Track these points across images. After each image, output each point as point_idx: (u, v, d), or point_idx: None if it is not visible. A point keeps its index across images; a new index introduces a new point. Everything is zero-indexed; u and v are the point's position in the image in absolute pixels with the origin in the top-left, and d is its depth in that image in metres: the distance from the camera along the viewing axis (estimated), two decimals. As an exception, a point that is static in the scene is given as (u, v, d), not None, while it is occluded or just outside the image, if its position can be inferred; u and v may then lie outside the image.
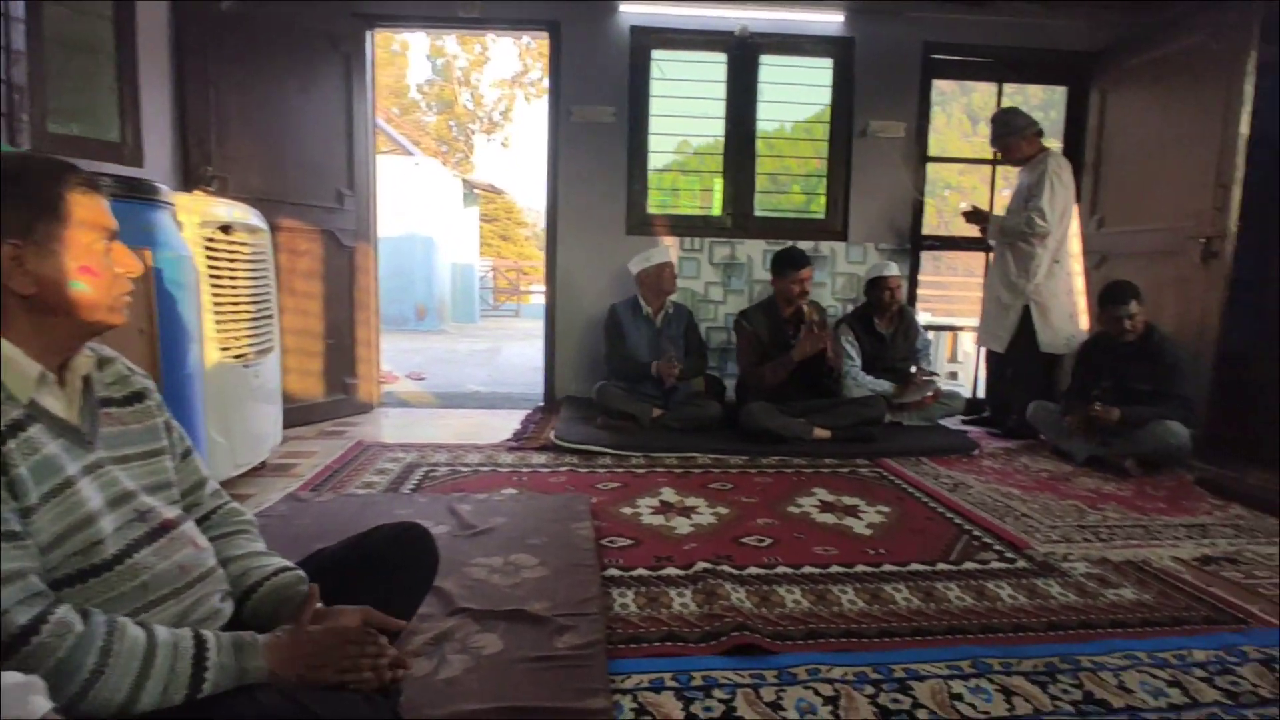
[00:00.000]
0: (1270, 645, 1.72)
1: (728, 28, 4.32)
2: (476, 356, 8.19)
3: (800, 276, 3.73)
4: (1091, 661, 1.62)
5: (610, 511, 2.57)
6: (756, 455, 3.42)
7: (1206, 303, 3.58)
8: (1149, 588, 2.06)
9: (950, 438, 3.80)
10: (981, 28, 4.46)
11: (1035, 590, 2.01)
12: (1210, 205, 3.55)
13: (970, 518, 2.62)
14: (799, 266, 3.74)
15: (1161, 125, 3.93)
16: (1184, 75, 3.79)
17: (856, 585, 1.99)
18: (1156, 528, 2.60)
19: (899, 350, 4.10)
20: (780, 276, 3.80)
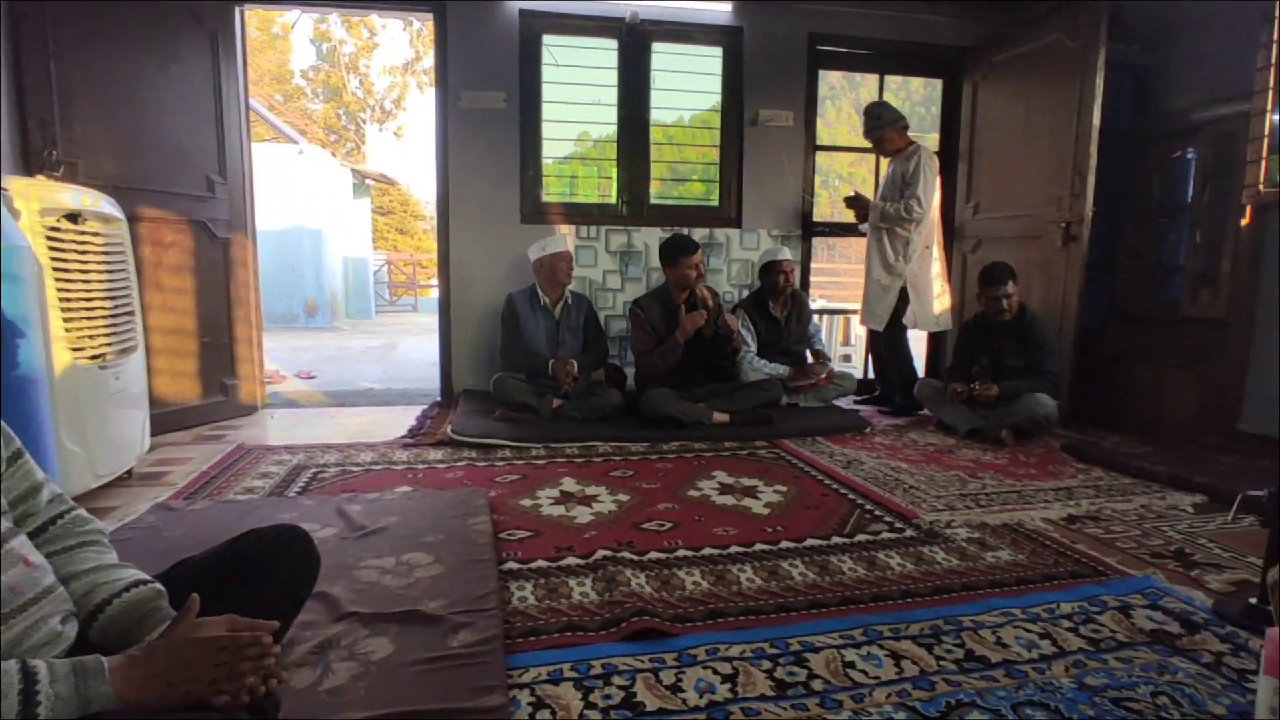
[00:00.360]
0: (1126, 594, 1.87)
1: (618, 14, 4.29)
2: (371, 353, 7.89)
3: (692, 262, 3.77)
4: (972, 621, 1.70)
5: (509, 504, 2.52)
6: (658, 441, 3.44)
7: (1067, 283, 3.86)
8: (1023, 548, 2.19)
9: (844, 417, 3.94)
10: (863, 21, 4.62)
11: (922, 557, 2.10)
12: (1068, 192, 3.82)
13: (863, 492, 2.72)
14: (689, 252, 3.78)
15: (1025, 117, 4.19)
16: (1043, 70, 4.05)
17: (755, 564, 2.02)
18: (1029, 492, 2.78)
19: (793, 333, 4.21)
20: (671, 265, 3.82)
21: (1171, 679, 1.48)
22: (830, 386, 4.15)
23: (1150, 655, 1.57)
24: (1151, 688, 1.44)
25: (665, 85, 4.48)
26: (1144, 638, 1.65)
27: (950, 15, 4.69)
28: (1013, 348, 3.70)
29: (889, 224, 4.15)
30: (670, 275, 3.84)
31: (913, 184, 4.05)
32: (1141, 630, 1.68)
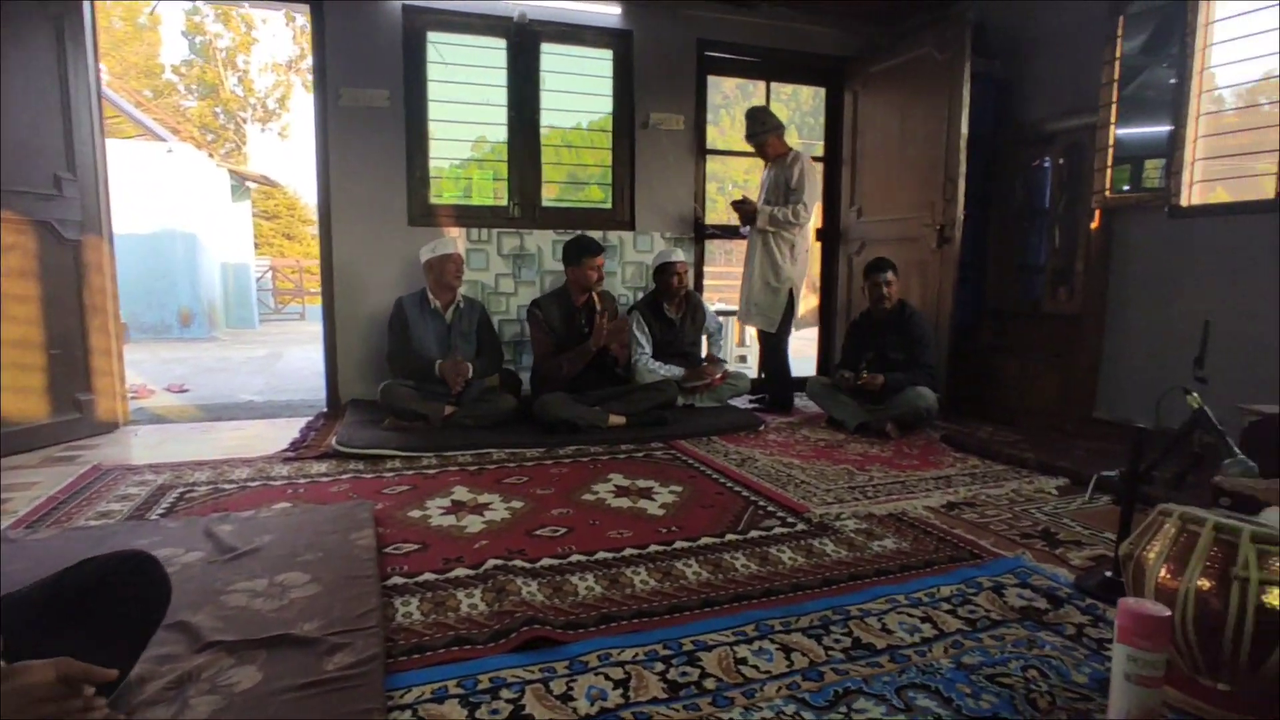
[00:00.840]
0: (999, 574, 1.96)
1: (506, 13, 4.22)
2: (253, 363, 7.45)
3: (595, 263, 3.76)
4: (859, 610, 1.74)
5: (396, 516, 2.41)
6: (553, 446, 3.39)
7: (942, 282, 4.07)
8: (906, 536, 2.28)
9: (738, 416, 4.01)
10: (750, 28, 4.73)
11: (812, 550, 2.15)
12: (941, 197, 4.04)
13: (756, 489, 2.76)
14: (593, 254, 3.77)
15: (901, 125, 4.40)
16: (916, 81, 4.26)
17: (649, 565, 2.01)
18: (912, 482, 2.90)
19: (688, 335, 4.26)
20: (574, 265, 3.79)
21: (1040, 652, 1.56)
22: (724, 386, 4.22)
23: (1020, 631, 1.66)
24: (1022, 662, 1.52)
25: (556, 87, 4.44)
26: (1015, 615, 1.74)
27: (831, 26, 4.87)
28: (895, 341, 3.88)
29: (777, 228, 4.26)
30: (572, 276, 3.81)
31: (798, 190, 4.19)
32: (1013, 608, 1.77)
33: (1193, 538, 1.36)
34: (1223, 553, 1.32)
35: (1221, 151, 3.36)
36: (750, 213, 4.34)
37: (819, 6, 4.71)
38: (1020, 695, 1.39)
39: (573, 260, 3.80)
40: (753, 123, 4.37)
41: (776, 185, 4.31)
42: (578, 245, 3.81)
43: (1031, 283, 4.23)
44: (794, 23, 4.79)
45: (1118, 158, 3.65)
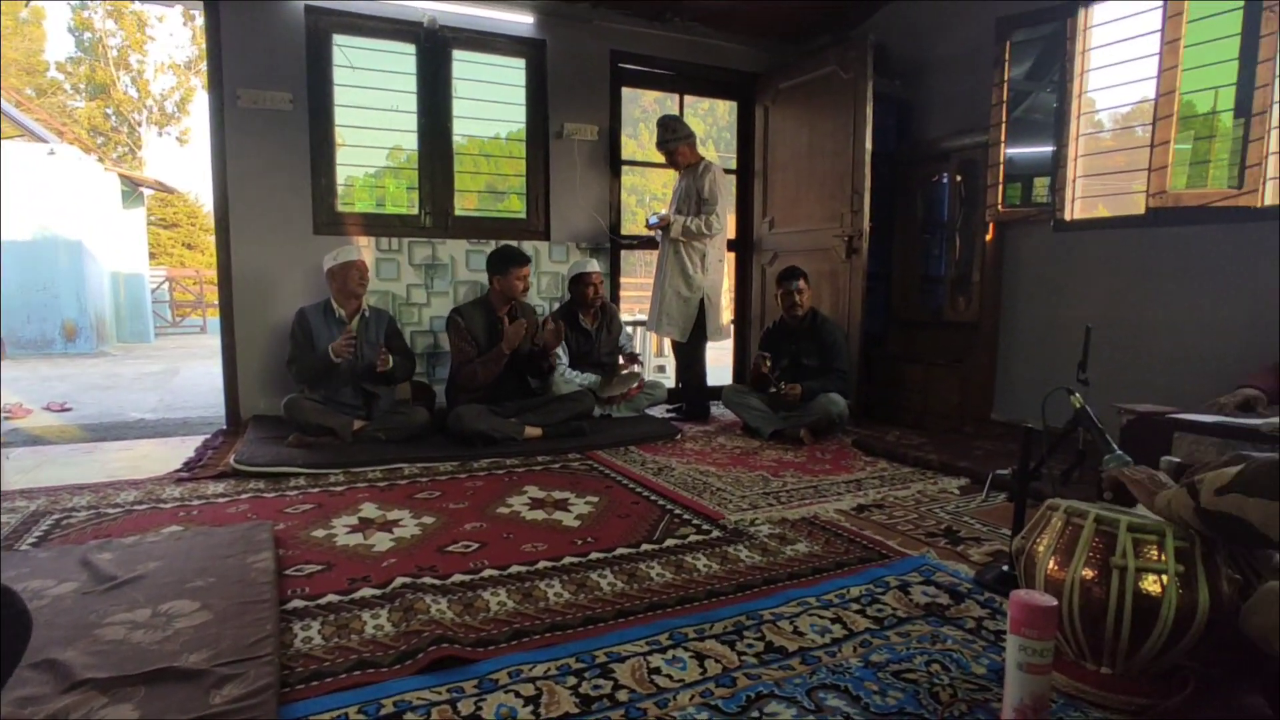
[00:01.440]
0: (905, 572, 2.03)
1: (415, 18, 4.14)
2: (147, 380, 7.02)
3: (522, 273, 3.73)
4: (772, 614, 1.76)
5: (299, 537, 2.30)
6: (468, 460, 3.31)
7: (851, 292, 4.21)
8: (818, 539, 2.32)
9: (655, 425, 4.02)
10: (663, 42, 4.79)
11: (727, 556, 2.16)
12: (849, 209, 4.17)
13: (672, 498, 2.77)
14: (520, 264, 3.73)
15: (810, 139, 4.53)
16: (823, 98, 4.41)
17: (564, 577, 1.98)
18: (824, 486, 2.97)
19: (604, 345, 4.25)
20: (501, 274, 3.74)
21: (942, 646, 1.61)
22: (642, 396, 4.23)
23: (925, 627, 1.71)
24: (926, 657, 1.56)
25: (468, 94, 4.38)
26: (920, 611, 1.79)
27: (742, 43, 4.99)
28: (808, 348, 3.99)
29: (692, 238, 4.31)
30: (498, 286, 3.76)
31: (710, 200, 4.25)
32: (918, 605, 1.83)
33: (1077, 530, 1.44)
34: (1103, 543, 1.39)
35: (1102, 170, 3.60)
36: (664, 225, 4.38)
37: (730, 23, 4.82)
38: (924, 689, 1.43)
39: (499, 270, 3.74)
40: (664, 130, 4.42)
41: (689, 195, 4.37)
42: (504, 255, 3.76)
43: (934, 292, 4.43)
44: (706, 38, 4.88)
45: (1010, 175, 3.87)
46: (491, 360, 3.68)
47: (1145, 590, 1.34)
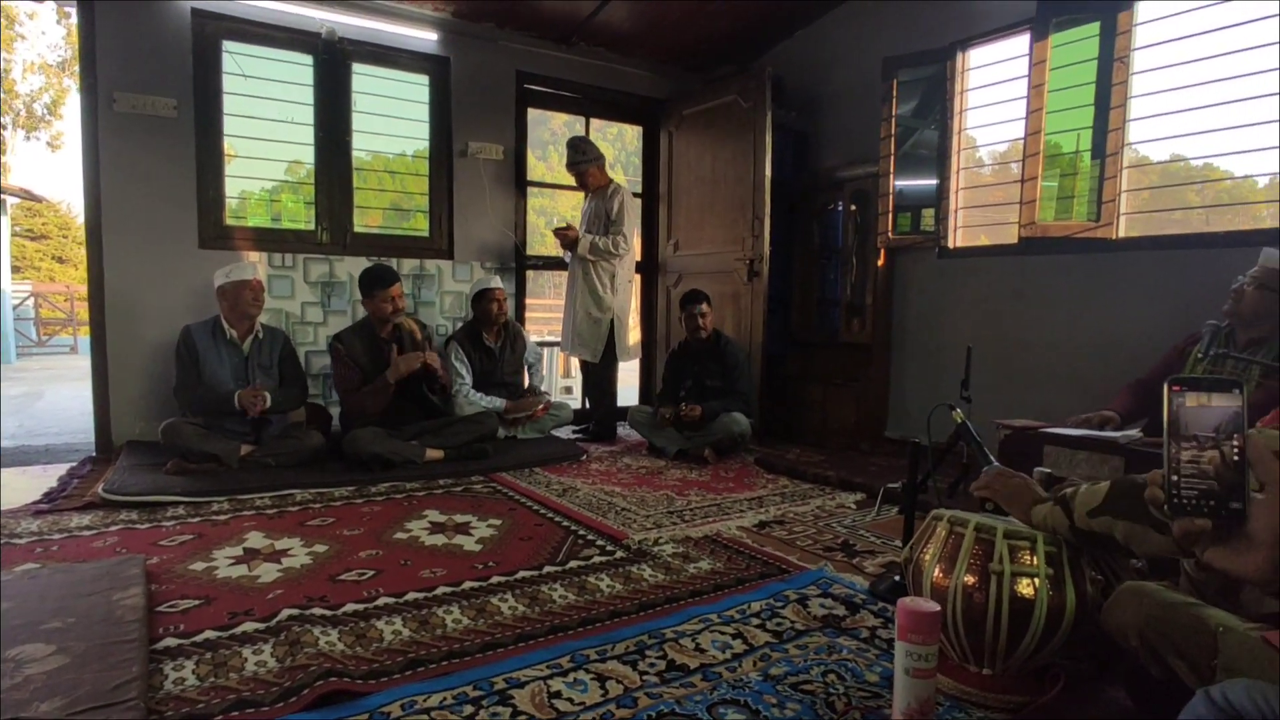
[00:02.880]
0: (803, 586, 2.08)
1: (312, 28, 4.01)
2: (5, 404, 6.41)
3: (388, 294, 3.59)
4: (674, 632, 1.76)
5: (176, 570, 2.14)
6: (365, 484, 3.19)
7: (753, 314, 4.32)
8: (720, 556, 2.35)
9: (561, 446, 3.99)
10: (570, 66, 4.83)
11: (630, 576, 2.16)
12: (750, 233, 4.30)
13: (577, 519, 2.75)
14: (385, 284, 3.59)
15: (713, 165, 4.65)
16: (725, 126, 4.54)
17: (463, 603, 1.92)
18: (727, 504, 3.01)
19: (509, 364, 4.19)
20: (369, 296, 3.62)
21: (838, 657, 1.66)
22: (547, 417, 4.19)
23: (822, 639, 1.75)
24: (823, 668, 1.60)
25: (369, 108, 4.27)
26: (817, 624, 1.84)
27: (647, 70, 5.09)
28: (711, 370, 4.06)
29: (597, 257, 4.33)
30: (368, 307, 3.65)
31: (617, 221, 4.31)
32: (815, 617, 1.88)
33: (959, 539, 1.51)
34: (983, 550, 1.47)
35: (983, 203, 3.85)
36: (572, 240, 4.38)
37: (635, 50, 4.91)
38: (820, 700, 1.46)
39: (365, 293, 3.62)
40: (573, 151, 4.45)
41: (597, 216, 4.40)
42: (371, 276, 3.62)
43: (830, 314, 4.61)
44: (612, 63, 4.96)
45: (899, 205, 4.09)
46: (378, 391, 3.56)
47: (1020, 593, 1.42)
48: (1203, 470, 0.74)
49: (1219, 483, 0.73)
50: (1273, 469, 0.73)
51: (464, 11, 4.33)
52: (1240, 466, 0.72)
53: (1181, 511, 0.74)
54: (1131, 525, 1.27)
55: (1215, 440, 0.74)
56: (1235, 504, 0.72)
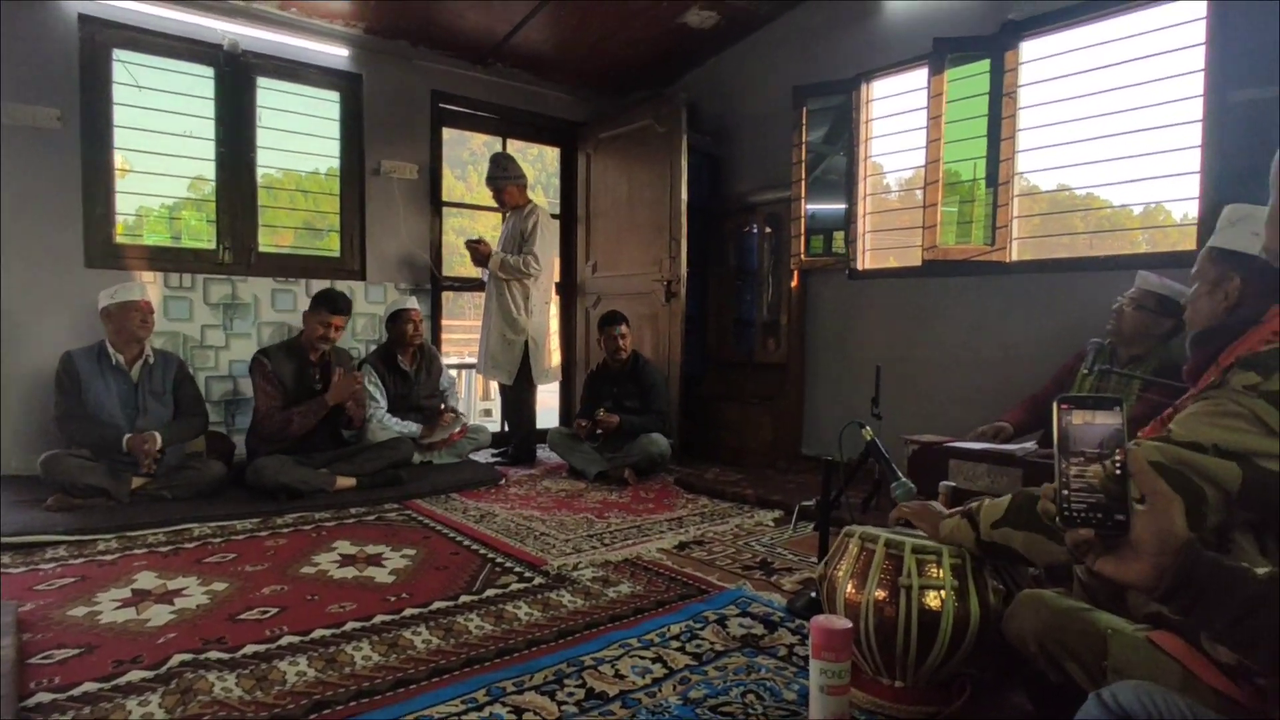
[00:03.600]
0: (722, 606, 2.09)
1: (214, 39, 3.85)
2: None
3: (330, 321, 3.50)
4: (593, 658, 1.74)
5: (53, 617, 1.97)
6: (271, 516, 3.03)
7: (670, 334, 4.37)
8: (640, 579, 2.34)
9: (479, 471, 3.90)
10: (486, 86, 4.79)
11: (549, 603, 2.12)
12: (667, 255, 4.35)
13: (494, 545, 2.69)
14: (334, 309, 3.52)
15: (630, 188, 4.70)
16: (641, 149, 4.60)
17: (374, 638, 1.84)
18: (647, 526, 3.01)
19: (425, 388, 4.09)
20: (313, 311, 3.54)
21: (757, 676, 1.67)
22: (465, 441, 4.10)
23: (741, 659, 1.76)
24: (742, 688, 1.61)
25: (276, 124, 4.11)
26: (736, 644, 1.85)
27: (564, 92, 5.11)
28: (629, 390, 4.07)
29: (509, 275, 4.29)
30: (306, 321, 3.57)
31: (530, 241, 4.27)
32: (735, 637, 1.89)
33: (870, 554, 1.55)
34: (893, 565, 1.51)
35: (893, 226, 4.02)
36: (484, 254, 4.32)
37: (552, 73, 4.92)
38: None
39: (312, 306, 3.56)
40: (494, 166, 4.42)
41: (513, 236, 4.36)
42: (326, 295, 3.59)
43: (746, 335, 4.69)
44: (530, 85, 4.95)
45: (813, 228, 4.21)
46: (311, 412, 3.44)
47: (928, 606, 1.46)
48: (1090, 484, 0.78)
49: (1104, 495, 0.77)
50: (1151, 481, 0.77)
51: (376, 29, 4.24)
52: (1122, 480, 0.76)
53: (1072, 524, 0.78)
54: (1030, 535, 1.33)
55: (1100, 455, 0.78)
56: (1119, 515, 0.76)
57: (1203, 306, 1.46)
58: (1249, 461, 1.15)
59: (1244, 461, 1.15)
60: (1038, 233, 3.52)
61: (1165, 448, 1.21)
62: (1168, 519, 0.75)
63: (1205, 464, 1.16)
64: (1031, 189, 3.69)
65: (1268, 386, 1.18)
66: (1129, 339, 2.69)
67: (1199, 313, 1.47)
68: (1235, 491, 1.15)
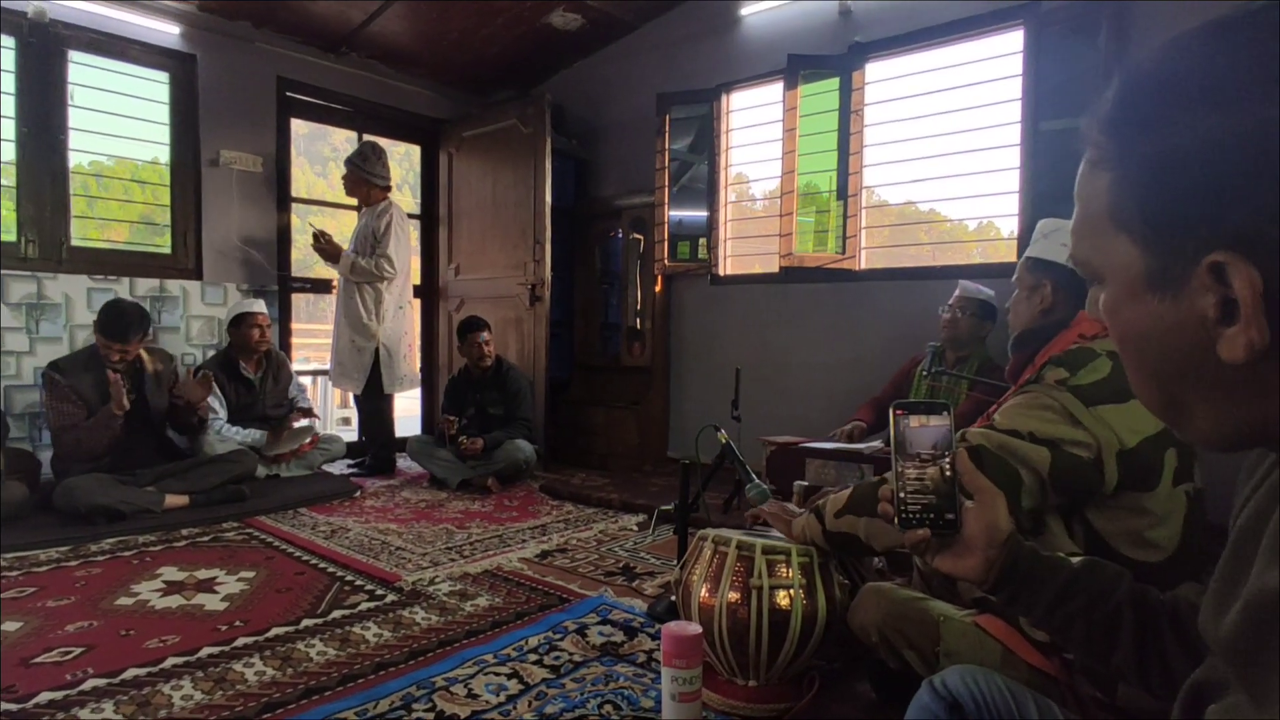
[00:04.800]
0: (583, 615, 2.06)
1: (17, 6, 3.41)
2: None
3: (111, 347, 3.11)
4: (446, 679, 1.66)
5: None
6: (83, 542, 2.71)
7: (535, 339, 4.30)
8: (499, 591, 2.27)
9: (332, 483, 3.68)
10: (340, 76, 4.54)
11: (401, 621, 2.01)
12: (532, 258, 4.28)
13: (345, 563, 2.53)
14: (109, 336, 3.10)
15: (494, 189, 4.59)
16: (505, 150, 4.50)
17: (198, 674, 1.67)
18: (510, 535, 2.93)
19: (271, 396, 3.80)
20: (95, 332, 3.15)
21: (615, 685, 1.65)
22: (316, 452, 3.85)
23: (600, 668, 1.74)
24: (599, 699, 1.58)
25: (89, 103, 3.70)
26: (595, 653, 1.83)
27: (426, 88, 4.92)
28: (493, 397, 3.96)
29: (360, 278, 4.05)
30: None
31: (383, 242, 4.02)
32: (594, 646, 1.86)
33: (723, 557, 1.57)
34: (744, 567, 1.54)
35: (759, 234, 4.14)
36: (333, 254, 4.05)
37: (412, 67, 4.73)
38: (595, 733, 1.44)
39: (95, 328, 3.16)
40: (359, 155, 4.10)
41: (365, 235, 4.10)
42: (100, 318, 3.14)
43: (612, 339, 4.71)
44: (388, 79, 4.74)
45: (680, 234, 4.28)
46: (99, 425, 3.07)
47: (778, 605, 1.50)
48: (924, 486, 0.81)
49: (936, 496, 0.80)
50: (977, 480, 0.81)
51: (213, 7, 3.91)
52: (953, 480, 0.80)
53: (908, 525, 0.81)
54: (871, 521, 1.39)
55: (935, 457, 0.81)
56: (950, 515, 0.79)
57: (1022, 311, 1.59)
58: (1058, 447, 1.26)
59: (1053, 447, 1.26)
60: (887, 243, 3.75)
61: (989, 434, 1.32)
62: (993, 514, 0.80)
63: (1021, 449, 1.27)
64: (882, 203, 3.92)
65: (1075, 381, 1.30)
66: (957, 342, 2.92)
67: (1019, 316, 1.60)
68: (1046, 474, 1.26)
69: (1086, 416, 1.26)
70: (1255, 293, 0.43)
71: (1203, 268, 0.45)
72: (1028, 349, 1.55)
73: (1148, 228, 0.48)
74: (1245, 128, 0.43)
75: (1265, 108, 0.42)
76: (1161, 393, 0.53)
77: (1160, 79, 0.48)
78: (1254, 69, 0.44)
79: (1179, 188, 0.46)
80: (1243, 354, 0.45)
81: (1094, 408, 1.26)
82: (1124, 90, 0.50)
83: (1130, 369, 0.56)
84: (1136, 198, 0.49)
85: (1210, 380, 0.48)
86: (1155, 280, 0.49)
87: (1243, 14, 0.46)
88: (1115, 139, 0.50)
